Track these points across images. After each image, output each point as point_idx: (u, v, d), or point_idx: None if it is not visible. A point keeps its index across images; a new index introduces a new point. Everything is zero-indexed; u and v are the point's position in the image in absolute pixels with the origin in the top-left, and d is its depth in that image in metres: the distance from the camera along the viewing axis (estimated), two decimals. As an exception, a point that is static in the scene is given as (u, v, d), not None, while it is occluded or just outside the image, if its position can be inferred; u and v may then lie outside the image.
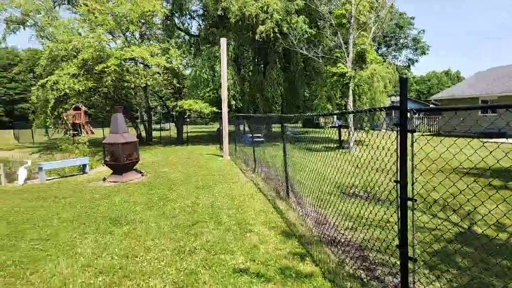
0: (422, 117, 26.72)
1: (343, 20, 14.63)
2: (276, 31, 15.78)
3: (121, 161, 8.82)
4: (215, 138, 22.88)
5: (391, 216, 3.55)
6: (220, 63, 16.37)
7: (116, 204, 6.58)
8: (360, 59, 15.15)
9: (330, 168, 4.12)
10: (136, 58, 17.11)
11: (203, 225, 5.25)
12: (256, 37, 15.74)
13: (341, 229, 4.66)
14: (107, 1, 16.61)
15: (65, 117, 24.02)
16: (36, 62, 17.03)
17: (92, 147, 14.85)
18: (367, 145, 12.01)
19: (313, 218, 5.25)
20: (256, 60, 21.80)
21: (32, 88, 15.87)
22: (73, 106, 27.87)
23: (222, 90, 12.99)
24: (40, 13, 18.02)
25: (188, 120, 32.83)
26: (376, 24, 15.81)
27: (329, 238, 4.37)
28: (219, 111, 18.48)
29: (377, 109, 2.86)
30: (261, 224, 5.19)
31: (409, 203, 2.44)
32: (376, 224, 4.55)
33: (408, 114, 2.37)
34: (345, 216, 4.76)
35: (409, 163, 2.40)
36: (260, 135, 14.44)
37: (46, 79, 14.55)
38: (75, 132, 30.39)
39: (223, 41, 12.79)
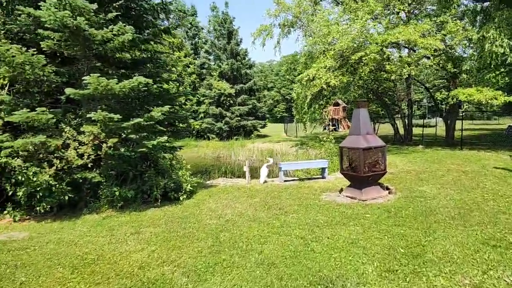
0: None
1: None
2: None
3: (360, 172, 6.58)
4: (503, 141, 15.97)
5: None
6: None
7: (339, 246, 4.37)
8: None
9: None
10: (400, 42, 14.21)
11: None
12: None
13: None
14: None
15: (324, 113, 24.86)
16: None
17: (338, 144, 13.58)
18: None
19: None
20: None
21: (293, 85, 16.76)
22: (334, 102, 28.71)
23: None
24: (308, 12, 18.78)
25: (462, 114, 25.34)
26: None
27: None
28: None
29: None
30: None
31: None
32: None
33: None
34: None
35: None
36: None
37: (302, 75, 14.65)
38: (333, 127, 31.44)
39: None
